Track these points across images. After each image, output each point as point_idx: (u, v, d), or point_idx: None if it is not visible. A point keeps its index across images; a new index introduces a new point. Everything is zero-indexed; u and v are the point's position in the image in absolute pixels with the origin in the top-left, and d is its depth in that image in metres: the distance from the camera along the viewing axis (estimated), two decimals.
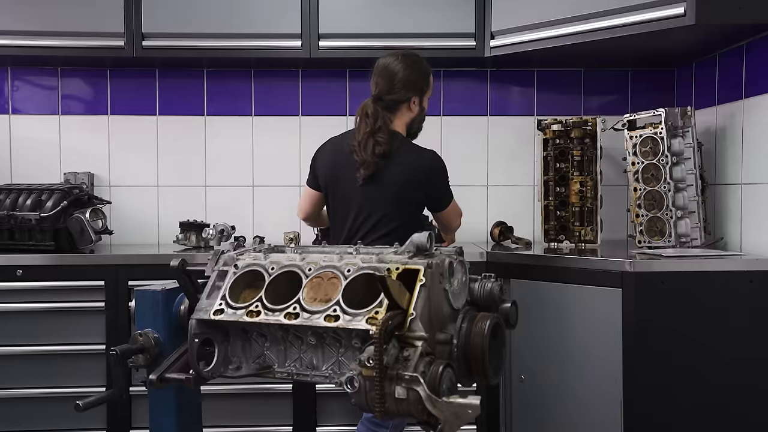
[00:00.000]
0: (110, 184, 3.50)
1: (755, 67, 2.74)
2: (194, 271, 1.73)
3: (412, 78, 2.50)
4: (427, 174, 2.46)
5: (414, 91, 2.51)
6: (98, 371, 2.90)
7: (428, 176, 2.46)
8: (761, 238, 2.69)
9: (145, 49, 3.15)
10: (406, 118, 2.54)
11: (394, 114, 2.51)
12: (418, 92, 2.52)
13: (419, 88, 2.52)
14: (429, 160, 2.47)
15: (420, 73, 2.53)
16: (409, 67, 2.51)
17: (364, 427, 2.37)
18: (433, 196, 2.52)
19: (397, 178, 2.43)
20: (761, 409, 2.50)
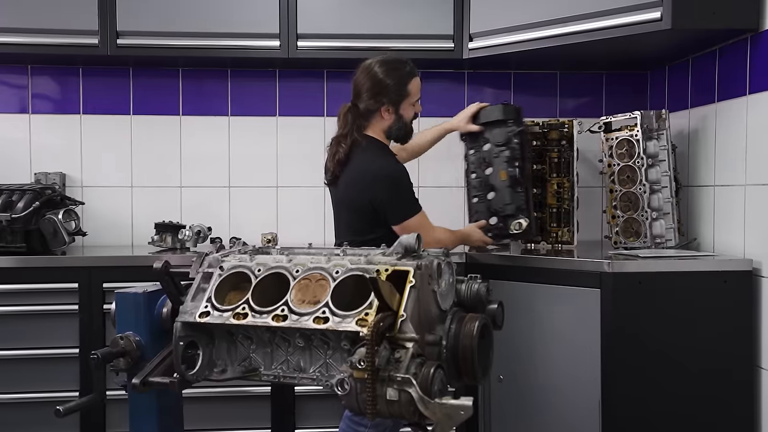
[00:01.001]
0: (82, 185, 3.43)
1: (727, 72, 2.80)
2: (177, 273, 1.70)
3: (384, 85, 2.43)
4: (371, 181, 2.37)
5: (385, 99, 2.43)
6: (72, 375, 2.84)
7: (373, 184, 2.37)
8: (733, 239, 2.74)
9: (119, 47, 3.10)
10: (382, 125, 2.48)
11: (369, 120, 2.47)
12: (390, 100, 2.44)
13: (392, 96, 2.44)
14: (378, 168, 2.39)
15: (394, 80, 2.44)
16: (384, 73, 2.44)
17: (345, 425, 2.36)
18: (380, 207, 2.38)
19: (349, 183, 2.42)
20: (739, 400, 2.56)
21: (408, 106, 2.50)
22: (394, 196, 2.40)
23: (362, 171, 2.41)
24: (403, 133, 2.53)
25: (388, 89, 2.44)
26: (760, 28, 2.57)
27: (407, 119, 2.51)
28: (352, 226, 2.47)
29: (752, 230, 2.62)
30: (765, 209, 2.53)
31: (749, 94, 2.64)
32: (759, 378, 2.57)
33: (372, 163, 2.41)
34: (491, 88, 3.55)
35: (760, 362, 2.57)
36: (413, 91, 2.50)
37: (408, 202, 2.43)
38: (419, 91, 2.54)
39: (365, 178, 2.39)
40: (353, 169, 2.43)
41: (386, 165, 2.42)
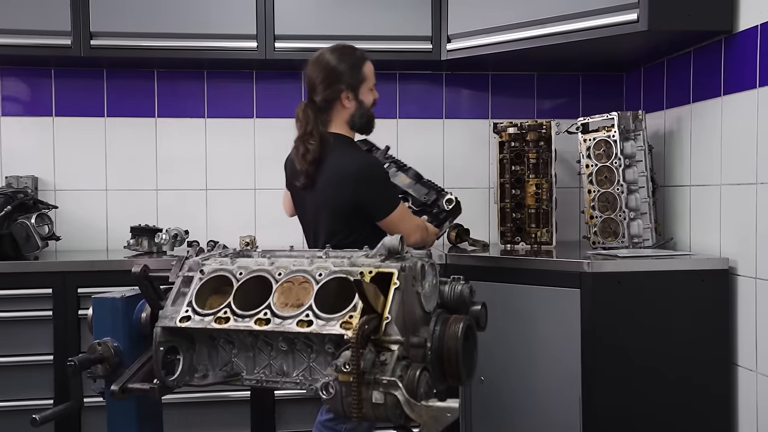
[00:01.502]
0: (55, 188, 3.37)
1: (702, 73, 2.83)
2: (156, 277, 1.68)
3: (339, 71, 2.34)
4: (355, 178, 2.29)
5: (343, 85, 2.34)
6: (47, 383, 2.79)
7: (357, 180, 2.29)
8: (709, 239, 2.78)
9: (93, 48, 3.05)
10: (345, 116, 2.38)
11: (330, 114, 2.38)
12: (348, 86, 2.35)
13: (349, 81, 2.35)
14: (360, 164, 2.33)
15: (348, 64, 2.36)
16: (336, 60, 2.36)
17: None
18: (366, 203, 2.31)
19: (326, 184, 2.33)
20: (716, 397, 2.59)
21: (367, 91, 2.41)
22: (378, 192, 2.34)
23: (339, 171, 2.32)
24: (366, 120, 2.44)
25: (344, 75, 2.35)
26: (734, 29, 2.61)
27: (368, 105, 2.42)
28: (333, 228, 2.38)
29: (728, 229, 2.65)
30: (740, 208, 2.57)
31: (724, 95, 2.68)
32: (735, 375, 2.61)
33: (349, 162, 2.32)
34: (469, 89, 3.56)
35: (736, 360, 2.60)
36: (369, 75, 2.41)
37: (391, 196, 2.40)
38: (374, 76, 2.45)
39: (345, 178, 2.31)
40: (328, 169, 2.33)
41: (364, 162, 2.36)
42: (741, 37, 2.57)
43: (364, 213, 2.34)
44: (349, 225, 2.35)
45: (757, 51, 2.48)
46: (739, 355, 2.59)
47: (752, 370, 2.52)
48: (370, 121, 2.47)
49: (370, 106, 2.45)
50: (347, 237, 2.33)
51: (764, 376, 2.47)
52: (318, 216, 2.40)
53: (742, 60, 2.56)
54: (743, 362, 2.57)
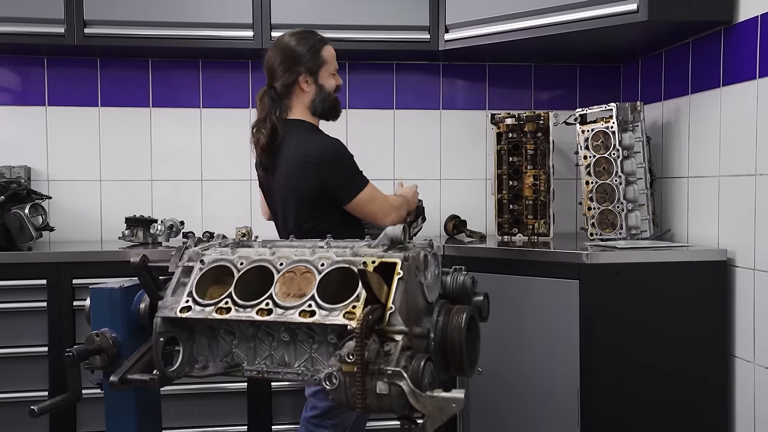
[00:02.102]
0: (48, 179, 3.33)
1: (701, 64, 2.82)
2: (155, 267, 1.65)
3: (297, 54, 2.31)
4: (316, 161, 2.24)
5: (301, 68, 2.31)
6: (41, 374, 2.76)
7: (319, 163, 2.24)
8: (707, 230, 2.77)
9: (87, 37, 3.02)
10: (306, 100, 2.34)
11: (290, 99, 2.34)
12: (307, 69, 2.31)
13: (308, 65, 2.32)
14: (320, 146, 2.27)
15: (307, 47, 2.33)
16: (295, 43, 2.33)
17: (305, 428, 2.33)
18: (330, 187, 2.27)
19: (289, 171, 2.29)
20: (714, 388, 2.60)
21: (327, 75, 2.36)
22: (343, 174, 2.29)
23: (300, 156, 2.27)
24: (329, 105, 2.38)
25: (302, 57, 2.31)
26: (734, 20, 2.60)
27: (329, 89, 2.37)
28: (300, 216, 2.33)
29: (726, 221, 2.65)
30: (739, 200, 2.57)
31: (723, 86, 2.67)
32: (733, 365, 2.61)
33: (309, 146, 2.27)
34: (466, 80, 3.54)
35: (733, 351, 2.61)
36: (328, 59, 2.37)
37: (356, 175, 2.32)
38: (335, 61, 2.40)
39: (307, 163, 2.26)
40: (290, 156, 2.29)
41: (326, 144, 2.29)
42: (741, 28, 2.57)
43: (331, 198, 2.29)
44: (316, 211, 2.30)
45: (757, 42, 2.47)
46: (737, 346, 2.59)
47: (750, 361, 2.53)
48: (333, 106, 2.40)
49: (332, 91, 2.38)
50: (317, 225, 2.30)
51: (762, 367, 2.47)
52: (286, 205, 2.36)
53: (742, 51, 2.56)
54: (741, 353, 2.58)
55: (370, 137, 3.46)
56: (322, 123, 2.43)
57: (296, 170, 2.29)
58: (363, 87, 3.47)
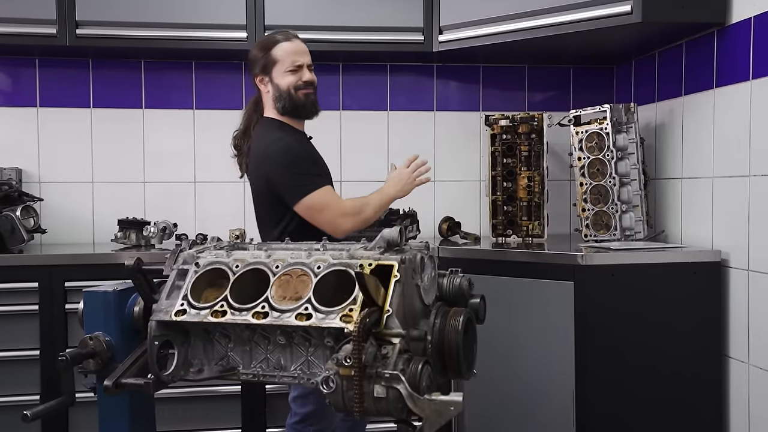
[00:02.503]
0: (40, 180, 3.31)
1: (694, 65, 2.83)
2: (149, 270, 1.64)
3: (252, 57, 2.39)
4: (265, 159, 2.26)
5: (255, 70, 2.37)
6: (33, 378, 2.74)
7: (267, 162, 2.25)
8: (701, 231, 2.78)
9: (79, 37, 3.00)
10: (269, 101, 2.37)
11: (262, 100, 2.40)
12: (261, 70, 2.35)
13: (260, 65, 2.35)
14: (270, 144, 2.27)
15: (259, 48, 2.38)
16: (254, 48, 2.43)
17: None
18: (277, 187, 2.24)
19: (251, 171, 2.37)
20: (708, 388, 2.60)
21: (280, 74, 2.33)
22: (285, 173, 2.23)
23: (255, 155, 2.31)
24: (290, 104, 2.33)
25: (255, 59, 2.38)
26: (727, 22, 2.61)
27: (284, 87, 2.33)
28: (260, 217, 2.36)
29: (720, 222, 2.66)
30: (733, 201, 2.57)
31: (716, 88, 2.68)
32: (727, 366, 2.62)
33: (263, 145, 2.30)
34: (460, 81, 3.54)
35: (728, 351, 2.61)
36: (280, 57, 2.34)
37: (302, 177, 2.23)
38: (297, 57, 2.35)
39: (259, 162, 2.29)
40: (250, 156, 2.35)
41: (273, 141, 2.28)
42: (734, 30, 2.57)
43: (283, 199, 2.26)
44: (273, 212, 2.30)
45: (750, 43, 2.48)
46: (731, 346, 2.60)
47: (744, 362, 2.53)
48: (295, 104, 2.35)
49: (290, 89, 2.33)
50: (275, 226, 2.30)
51: (756, 367, 2.48)
52: (254, 205, 2.41)
53: (735, 52, 2.56)
54: (735, 354, 2.58)
55: (363, 139, 3.45)
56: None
57: (253, 170, 2.34)
58: (357, 88, 3.46)
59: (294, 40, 2.39)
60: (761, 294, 2.44)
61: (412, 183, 2.41)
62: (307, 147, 2.37)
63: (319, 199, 2.23)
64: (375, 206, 2.34)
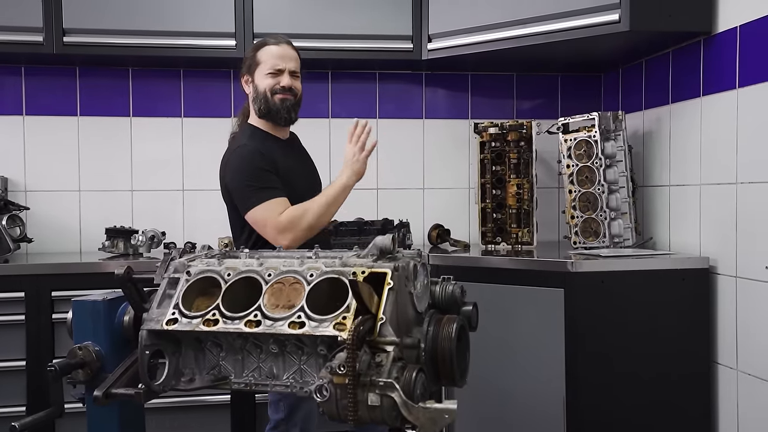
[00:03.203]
0: (26, 189, 3.28)
1: (681, 74, 2.86)
2: (140, 279, 1.62)
3: (243, 58, 2.43)
4: (223, 167, 2.29)
5: (243, 70, 2.39)
6: (18, 389, 2.70)
7: (224, 167, 2.29)
8: (688, 238, 2.80)
9: (66, 45, 2.98)
10: (251, 102, 2.38)
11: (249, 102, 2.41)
12: (246, 70, 2.37)
13: (247, 66, 2.37)
14: (230, 153, 2.29)
15: (250, 50, 2.41)
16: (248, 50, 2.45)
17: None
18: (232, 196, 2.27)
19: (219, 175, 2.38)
20: (697, 393, 2.61)
21: (261, 76, 2.32)
22: (237, 184, 2.22)
23: (222, 160, 2.35)
24: (265, 106, 2.31)
25: (245, 60, 2.40)
26: (713, 31, 2.64)
27: (262, 89, 2.31)
28: (230, 224, 2.37)
29: (708, 229, 2.68)
30: (720, 208, 2.59)
31: (703, 96, 2.70)
32: (716, 372, 2.63)
33: (228, 149, 2.33)
34: (448, 89, 3.55)
35: (716, 358, 2.63)
36: (264, 59, 2.33)
37: (249, 190, 2.19)
38: (278, 61, 2.32)
39: (222, 166, 2.33)
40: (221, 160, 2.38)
41: (236, 148, 2.27)
42: (720, 39, 2.60)
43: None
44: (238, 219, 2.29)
45: (737, 52, 2.51)
46: (720, 353, 2.61)
47: (733, 368, 2.55)
48: (270, 108, 2.32)
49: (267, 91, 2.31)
50: (240, 233, 2.30)
51: (744, 373, 2.49)
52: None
53: (721, 61, 2.59)
54: (723, 360, 2.60)
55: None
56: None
57: (220, 175, 2.35)
58: (345, 96, 3.46)
59: (283, 45, 2.38)
60: (749, 300, 2.46)
61: (361, 159, 2.30)
62: (272, 156, 2.26)
63: (260, 216, 2.19)
64: (319, 207, 2.23)
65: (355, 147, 2.31)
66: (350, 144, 2.33)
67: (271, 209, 2.19)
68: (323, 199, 2.26)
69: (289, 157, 2.37)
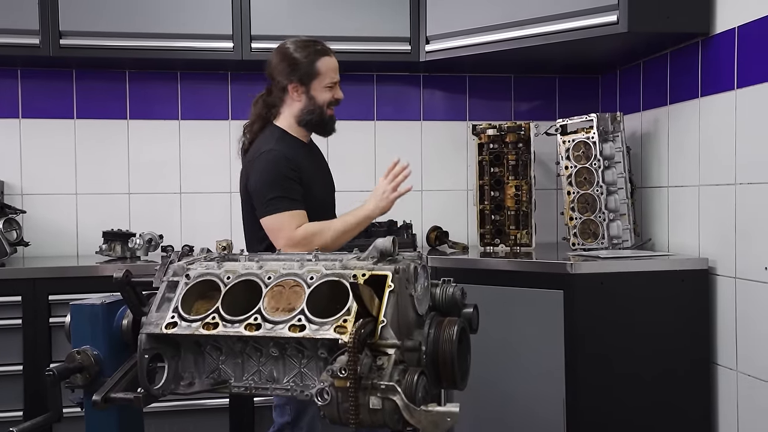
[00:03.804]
0: (22, 192, 3.26)
1: (679, 75, 2.86)
2: (139, 282, 1.61)
3: (293, 60, 2.27)
4: (248, 168, 2.25)
5: (293, 76, 2.27)
6: (16, 394, 2.69)
7: (248, 168, 2.25)
8: (687, 239, 2.80)
9: (62, 48, 2.97)
10: (294, 110, 2.30)
11: (282, 105, 2.32)
12: (297, 78, 2.27)
13: (299, 73, 2.27)
14: (257, 154, 2.23)
15: (303, 55, 2.28)
16: (294, 49, 2.29)
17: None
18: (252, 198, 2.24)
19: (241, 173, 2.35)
20: (696, 395, 2.61)
21: (320, 88, 2.29)
22: (260, 188, 2.19)
23: (247, 159, 2.30)
24: (317, 119, 2.30)
25: (297, 65, 2.27)
26: (711, 32, 2.64)
27: (320, 103, 2.30)
28: (246, 226, 2.32)
29: (707, 230, 2.68)
30: (719, 209, 2.59)
31: (701, 97, 2.70)
32: (715, 373, 2.63)
33: (255, 149, 2.26)
34: (446, 91, 3.55)
35: (716, 359, 2.63)
36: (323, 71, 2.29)
37: (271, 194, 2.17)
38: (335, 74, 2.33)
39: (246, 166, 2.28)
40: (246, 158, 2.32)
41: (265, 151, 2.22)
42: (718, 39, 2.60)
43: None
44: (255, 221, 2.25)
45: (735, 53, 2.51)
46: (719, 353, 2.61)
47: (732, 369, 2.55)
48: (322, 120, 2.32)
49: (324, 105, 2.32)
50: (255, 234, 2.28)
51: (744, 374, 2.49)
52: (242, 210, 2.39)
53: (719, 62, 2.59)
54: (723, 361, 2.59)
55: (350, 148, 3.44)
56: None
57: (242, 173, 2.31)
58: (343, 98, 3.44)
59: (333, 55, 2.35)
60: (748, 301, 2.46)
61: (390, 198, 2.27)
62: (298, 161, 2.26)
63: (276, 224, 2.18)
64: (335, 232, 2.22)
65: (388, 185, 2.29)
66: (384, 180, 2.31)
67: (289, 221, 2.18)
68: (341, 224, 2.25)
69: (312, 161, 2.38)
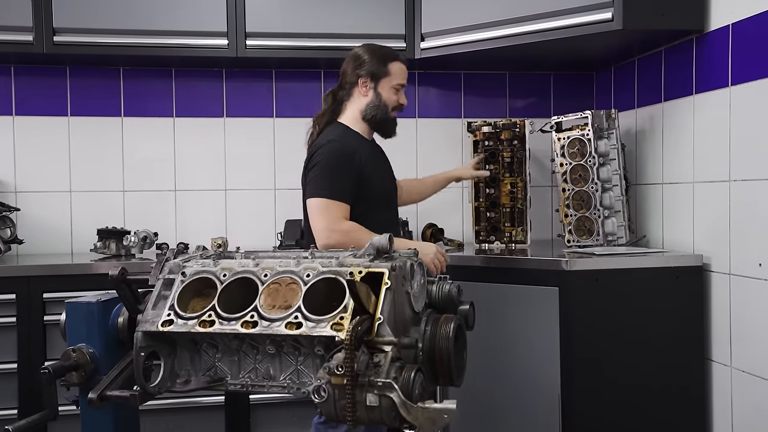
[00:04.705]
0: (16, 190, 3.25)
1: (674, 72, 2.86)
2: (134, 280, 1.61)
3: (364, 59, 2.40)
4: (311, 152, 2.35)
5: (364, 71, 2.39)
6: (10, 392, 2.68)
7: (309, 161, 2.34)
8: (682, 236, 2.81)
9: (56, 45, 2.95)
10: (360, 105, 2.40)
11: (349, 100, 2.43)
12: (368, 72, 2.38)
13: (370, 68, 2.39)
14: (322, 141, 2.33)
15: (375, 55, 2.41)
16: (365, 51, 2.43)
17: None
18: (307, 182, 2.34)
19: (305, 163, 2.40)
20: (691, 391, 2.62)
21: (388, 88, 2.41)
22: (318, 168, 2.28)
23: (311, 147, 2.38)
24: (381, 116, 2.41)
25: (368, 62, 2.40)
26: (706, 29, 2.64)
27: (386, 101, 2.41)
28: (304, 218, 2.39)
29: (701, 226, 2.69)
30: (713, 206, 2.60)
31: (695, 94, 2.71)
32: (710, 369, 2.64)
33: (321, 139, 2.35)
34: (441, 88, 3.55)
35: (710, 355, 2.64)
36: (394, 72, 2.42)
37: (326, 180, 2.26)
38: (403, 78, 2.44)
39: (310, 152, 2.37)
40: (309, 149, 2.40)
41: (330, 139, 2.32)
42: (712, 37, 2.61)
43: None
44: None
45: (729, 50, 2.51)
46: (714, 350, 2.62)
47: (727, 365, 2.56)
48: (386, 119, 2.43)
49: (390, 106, 2.42)
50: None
51: (738, 370, 2.50)
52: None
53: (714, 59, 2.60)
54: (717, 357, 2.61)
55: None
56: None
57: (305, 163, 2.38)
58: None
59: (404, 62, 2.48)
60: (742, 297, 2.47)
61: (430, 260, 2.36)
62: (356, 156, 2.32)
63: (323, 207, 2.25)
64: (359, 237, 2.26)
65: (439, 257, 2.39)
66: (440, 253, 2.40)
67: (335, 209, 2.26)
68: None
69: (376, 158, 2.48)
